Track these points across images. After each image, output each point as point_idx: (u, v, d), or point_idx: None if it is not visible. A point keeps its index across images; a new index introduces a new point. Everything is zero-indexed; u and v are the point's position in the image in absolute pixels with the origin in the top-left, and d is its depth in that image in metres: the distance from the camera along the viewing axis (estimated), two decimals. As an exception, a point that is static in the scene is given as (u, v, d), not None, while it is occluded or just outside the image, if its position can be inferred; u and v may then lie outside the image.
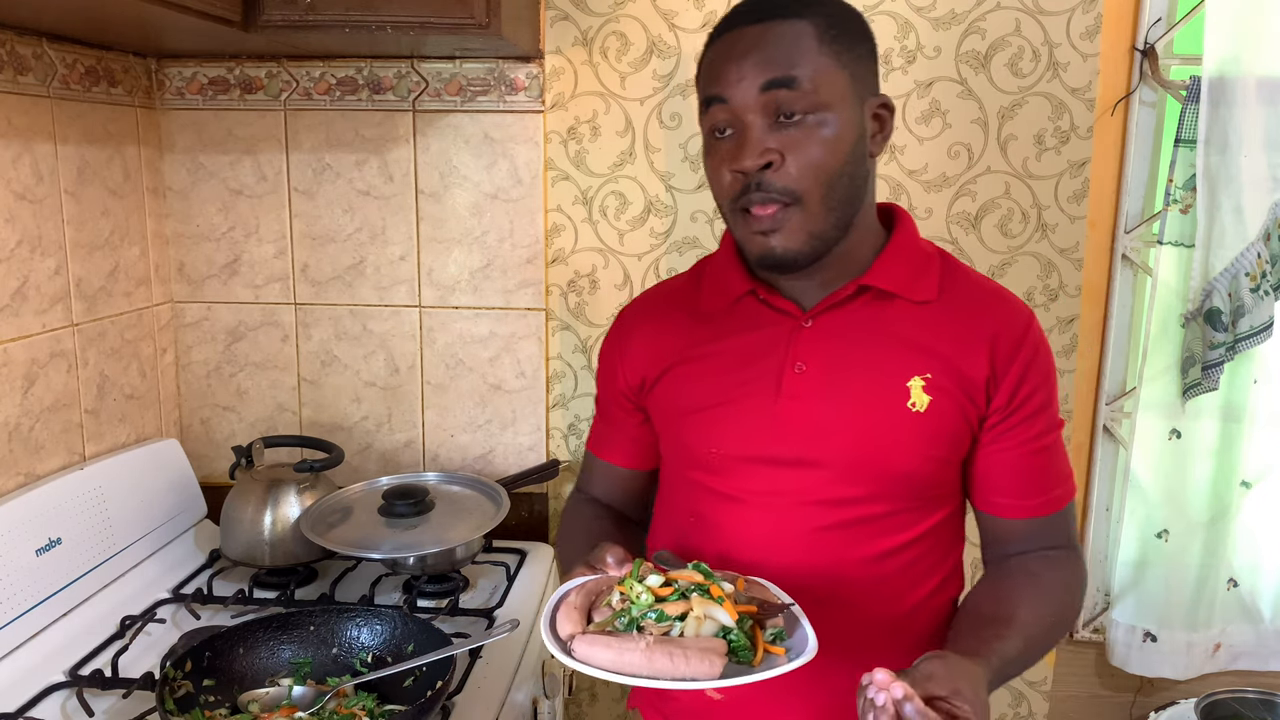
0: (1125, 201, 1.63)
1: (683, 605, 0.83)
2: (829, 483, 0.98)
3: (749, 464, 1.00)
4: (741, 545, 1.01)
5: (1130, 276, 1.66)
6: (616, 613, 0.85)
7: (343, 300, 1.73)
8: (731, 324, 1.03)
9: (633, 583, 0.86)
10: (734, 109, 0.92)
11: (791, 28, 0.92)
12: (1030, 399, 0.99)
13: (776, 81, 0.90)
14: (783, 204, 0.91)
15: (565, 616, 0.85)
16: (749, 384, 1.00)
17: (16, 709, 1.15)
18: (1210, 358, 1.53)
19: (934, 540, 1.03)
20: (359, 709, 1.13)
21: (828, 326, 0.99)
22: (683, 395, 1.04)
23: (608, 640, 0.80)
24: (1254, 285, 1.51)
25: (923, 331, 0.98)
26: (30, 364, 1.37)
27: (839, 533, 0.98)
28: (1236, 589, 1.67)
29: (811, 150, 0.91)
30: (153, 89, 1.68)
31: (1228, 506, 1.63)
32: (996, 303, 1.02)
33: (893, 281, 0.99)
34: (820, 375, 0.98)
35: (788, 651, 0.83)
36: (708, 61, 0.97)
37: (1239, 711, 1.60)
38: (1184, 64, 1.58)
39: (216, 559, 1.57)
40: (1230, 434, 1.61)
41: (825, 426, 0.97)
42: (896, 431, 0.96)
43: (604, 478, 1.20)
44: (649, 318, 1.11)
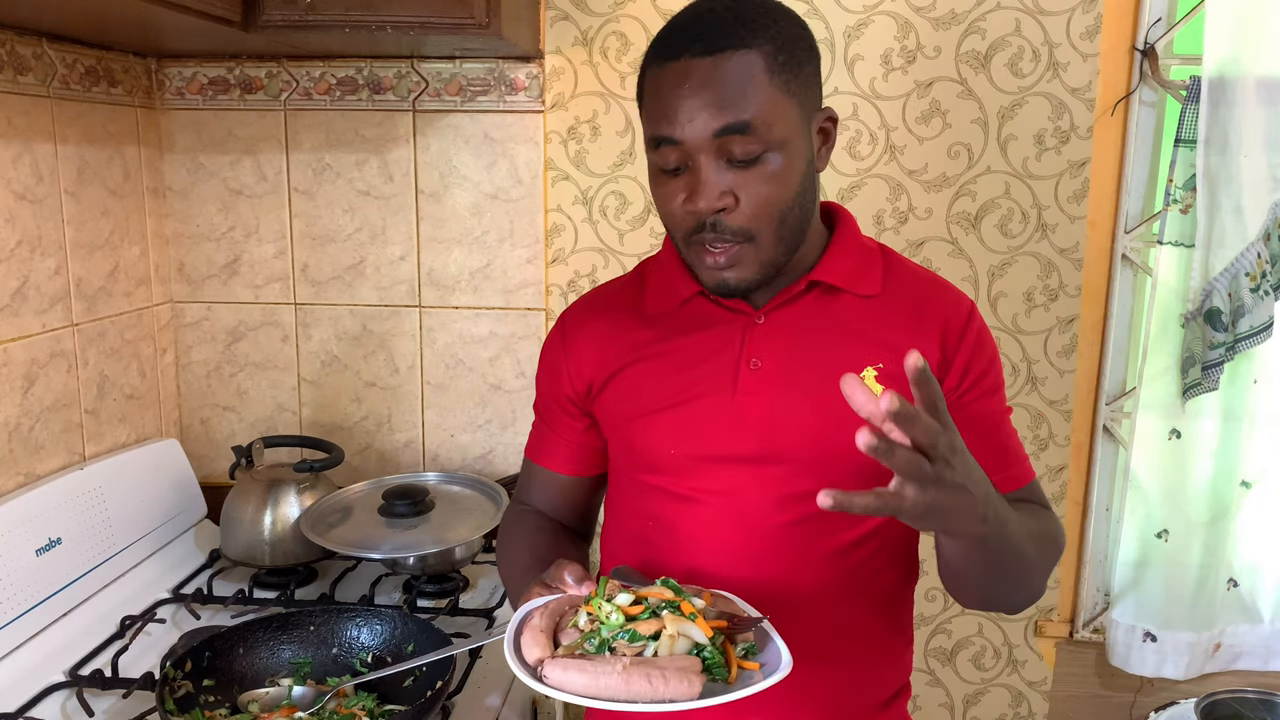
0: (1125, 201, 1.63)
1: (655, 624, 0.81)
2: (789, 477, 0.98)
3: (708, 463, 1.00)
4: (702, 546, 1.01)
5: (1130, 276, 1.66)
6: (585, 634, 0.82)
7: (343, 300, 1.73)
8: (681, 323, 1.03)
9: (600, 602, 0.83)
10: (686, 150, 0.91)
11: (742, 61, 0.89)
12: (979, 381, 1.00)
13: (730, 128, 0.88)
14: (735, 243, 0.92)
15: (531, 640, 0.82)
16: (704, 382, 1.00)
17: (16, 709, 1.15)
18: (1210, 358, 1.53)
19: (893, 529, 1.03)
20: (359, 709, 1.13)
21: (780, 322, 1.00)
22: (634, 398, 1.03)
23: (581, 664, 0.77)
24: (1254, 285, 1.51)
25: (872, 323, 0.99)
26: (30, 364, 1.37)
27: (801, 527, 0.99)
28: (1236, 589, 1.67)
29: (764, 189, 0.91)
30: (153, 89, 1.68)
31: (1228, 506, 1.63)
32: (939, 291, 1.03)
33: (839, 276, 1.00)
34: (776, 370, 0.99)
35: (761, 666, 0.82)
36: (654, 93, 0.93)
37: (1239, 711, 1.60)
38: (1184, 64, 1.58)
39: (216, 559, 1.57)
40: (1230, 434, 1.61)
41: (784, 421, 0.98)
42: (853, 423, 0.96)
43: (545, 486, 1.16)
44: (593, 321, 1.09)
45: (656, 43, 0.95)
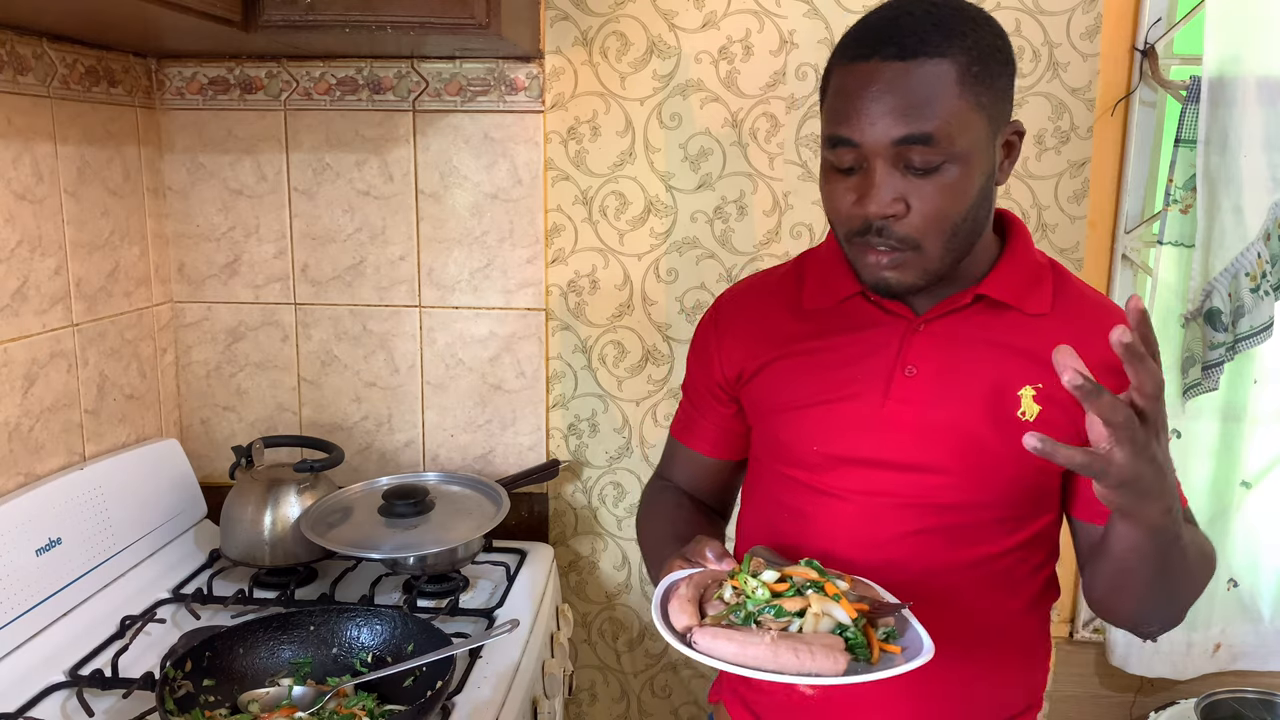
0: (1125, 201, 1.63)
1: (800, 601, 0.83)
2: (933, 488, 0.97)
3: (851, 465, 0.99)
4: (835, 540, 1.00)
5: (1130, 276, 1.66)
6: (731, 607, 0.84)
7: (343, 300, 1.73)
8: (837, 322, 1.01)
9: (746, 577, 0.86)
10: (863, 152, 0.89)
11: (934, 70, 0.87)
12: None
13: (912, 138, 0.87)
14: (900, 250, 0.91)
15: (679, 608, 0.84)
16: (855, 384, 0.99)
17: (16, 709, 1.15)
18: (1210, 358, 1.53)
19: (1032, 548, 1.02)
20: (359, 709, 1.13)
21: (940, 331, 0.98)
22: (783, 391, 1.03)
23: (730, 633, 0.80)
24: (1254, 285, 1.51)
25: (1036, 342, 0.97)
26: (30, 364, 1.37)
27: (937, 536, 0.98)
28: (1236, 589, 1.68)
29: (938, 200, 0.89)
30: (153, 89, 1.68)
31: (1228, 506, 1.63)
32: (1106, 316, 1.01)
33: (1008, 293, 0.98)
34: (930, 380, 0.97)
35: (903, 651, 0.83)
36: (837, 91, 0.91)
37: (1239, 711, 1.60)
38: (1184, 64, 1.58)
39: (216, 559, 1.57)
40: (1230, 434, 1.61)
41: (933, 431, 0.96)
42: (1005, 439, 0.95)
43: (688, 465, 1.17)
44: (749, 308, 1.09)
45: (848, 40, 0.93)
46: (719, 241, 1.67)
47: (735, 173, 1.64)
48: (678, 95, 1.63)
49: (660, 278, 1.69)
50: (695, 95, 1.62)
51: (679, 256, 1.68)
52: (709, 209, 1.66)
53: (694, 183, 1.66)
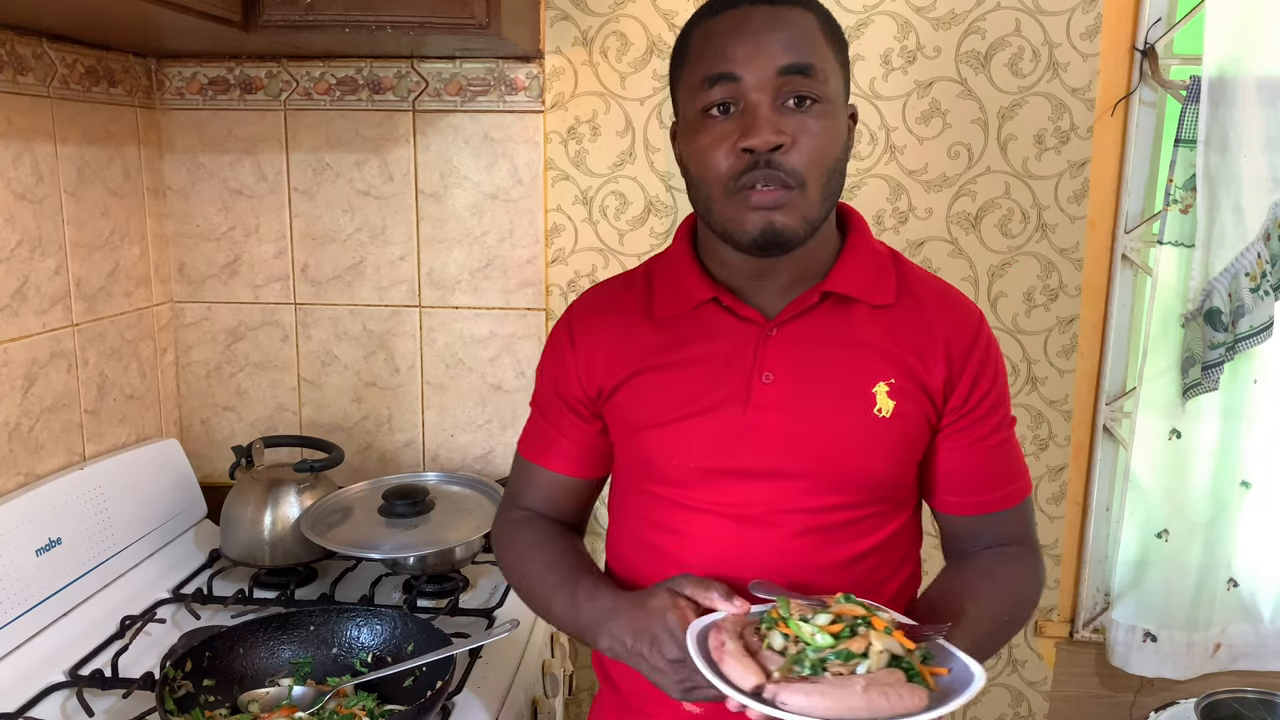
0: (1125, 201, 1.63)
1: (862, 641, 0.82)
2: (800, 493, 0.97)
3: (718, 476, 0.99)
4: (712, 556, 1.00)
5: (1130, 276, 1.66)
6: (793, 656, 0.82)
7: (343, 300, 1.73)
8: (691, 331, 1.00)
9: (799, 624, 0.84)
10: (744, 87, 0.90)
11: (801, 15, 0.91)
12: (984, 399, 1.00)
13: (795, 67, 0.89)
14: (786, 187, 0.90)
15: (739, 665, 0.81)
16: (715, 395, 0.98)
17: (16, 709, 1.15)
18: (1210, 358, 1.53)
19: (898, 540, 1.03)
20: (359, 709, 1.13)
21: (793, 334, 0.98)
22: (644, 408, 1.01)
23: (820, 687, 0.78)
24: (1254, 285, 1.51)
25: (883, 336, 0.98)
26: (30, 364, 1.37)
27: (808, 539, 0.98)
28: (1236, 589, 1.67)
29: (819, 137, 0.90)
30: (153, 89, 1.68)
31: (1228, 506, 1.63)
32: (949, 304, 1.02)
33: (853, 286, 0.98)
34: (788, 384, 0.97)
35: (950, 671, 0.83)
36: (708, 36, 0.93)
37: (1239, 711, 1.60)
38: (1184, 64, 1.58)
39: (216, 559, 1.57)
40: (1230, 434, 1.61)
41: (796, 437, 0.97)
42: (866, 438, 0.97)
43: (548, 488, 1.11)
44: (603, 320, 1.06)
45: (707, 4, 0.95)
46: (719, 241, 1.67)
47: (735, 173, 1.64)
48: (678, 95, 1.63)
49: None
50: (695, 95, 1.62)
51: (679, 256, 1.68)
52: (709, 209, 1.66)
53: (694, 183, 1.65)
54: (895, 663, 0.82)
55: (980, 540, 1.04)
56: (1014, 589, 1.01)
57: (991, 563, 1.02)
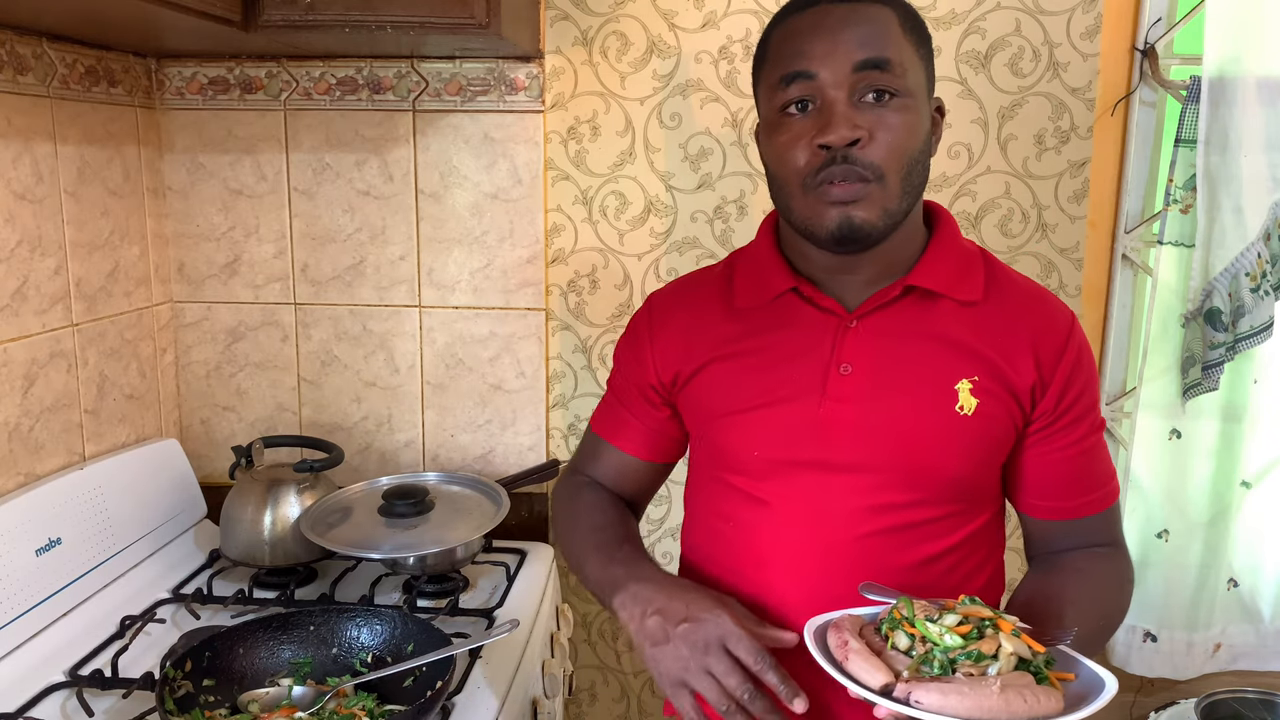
0: (1125, 201, 1.63)
1: (993, 643, 0.81)
2: (874, 488, 0.96)
3: (791, 468, 0.98)
4: (778, 550, 0.99)
5: (1130, 276, 1.66)
6: (921, 656, 0.82)
7: (343, 300, 1.73)
8: (770, 321, 1.00)
9: (926, 624, 0.83)
10: (820, 84, 0.90)
11: (879, 11, 0.91)
12: (1076, 404, 0.98)
13: (871, 62, 0.89)
14: (864, 180, 0.90)
15: (867, 664, 0.81)
16: (791, 385, 0.97)
17: (16, 709, 1.15)
18: (1210, 358, 1.53)
19: (977, 543, 1.01)
20: (359, 709, 1.13)
21: (874, 327, 0.97)
22: (719, 396, 1.01)
23: (955, 687, 0.77)
24: (1254, 285, 1.51)
25: (969, 333, 0.97)
26: (30, 364, 1.37)
27: (882, 539, 0.97)
28: (1236, 589, 1.67)
29: (897, 131, 0.90)
30: (153, 89, 1.68)
31: (1228, 506, 1.63)
32: (1040, 305, 1.01)
33: (938, 281, 0.97)
34: (866, 377, 0.96)
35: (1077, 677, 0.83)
36: (787, 35, 0.94)
37: (1239, 711, 1.60)
38: (1184, 64, 1.58)
39: (216, 559, 1.57)
40: (1230, 434, 1.61)
41: (871, 430, 0.95)
42: (945, 435, 0.95)
43: (614, 465, 1.14)
44: (682, 309, 1.07)
45: (786, 7, 0.96)
46: (719, 241, 1.67)
47: (735, 173, 1.64)
48: (678, 95, 1.63)
49: (660, 278, 1.69)
50: (695, 95, 1.62)
51: (679, 256, 1.68)
52: (709, 209, 1.66)
53: (694, 183, 1.66)
54: (1023, 666, 0.81)
55: (1066, 543, 1.03)
56: (1108, 592, 1.00)
57: (1083, 564, 1.01)
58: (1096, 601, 0.98)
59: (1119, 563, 1.03)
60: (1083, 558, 1.01)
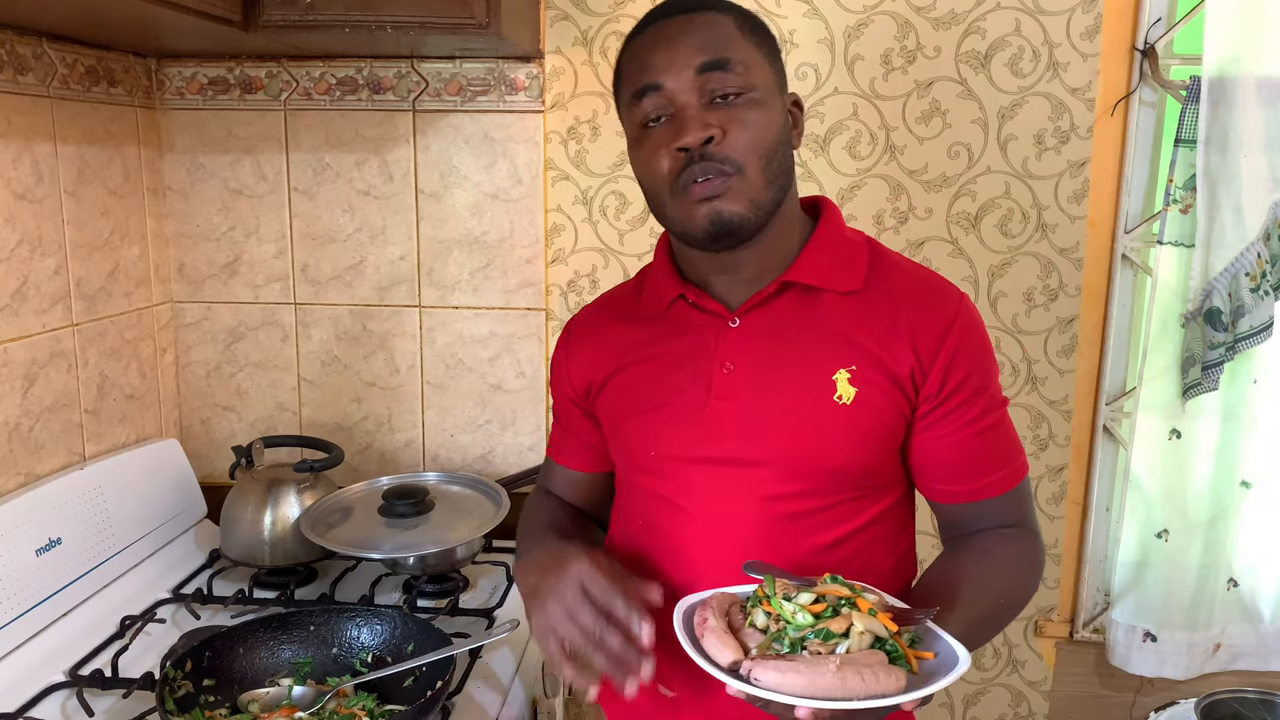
0: (1125, 201, 1.63)
1: (843, 621, 0.82)
2: (767, 480, 0.99)
3: (687, 465, 1.01)
4: (690, 547, 1.02)
5: (1130, 276, 1.66)
6: (773, 634, 0.83)
7: (343, 300, 1.73)
8: (666, 328, 1.05)
9: (781, 602, 0.84)
10: (668, 94, 0.94)
11: (714, 19, 0.96)
12: (963, 385, 0.98)
13: (711, 64, 0.93)
14: (724, 174, 0.93)
15: (720, 642, 0.82)
16: (682, 386, 1.02)
17: (16, 709, 1.15)
18: (1210, 358, 1.53)
19: (880, 528, 1.03)
20: (359, 709, 1.13)
21: (754, 325, 1.01)
22: (624, 400, 1.06)
23: (793, 665, 0.78)
24: (1254, 285, 1.51)
25: (847, 324, 0.99)
26: (30, 364, 1.37)
27: (783, 526, 0.99)
28: (1236, 589, 1.67)
29: (748, 125, 0.94)
30: (153, 89, 1.68)
31: (1228, 506, 1.63)
32: (921, 291, 1.01)
33: (816, 275, 1.00)
34: (748, 374, 0.99)
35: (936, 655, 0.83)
36: (632, 54, 0.99)
37: (1239, 711, 1.60)
38: (1184, 64, 1.58)
39: (216, 559, 1.57)
40: (1230, 434, 1.61)
41: (756, 424, 0.99)
42: (826, 425, 0.97)
43: (563, 482, 1.21)
44: (593, 325, 1.13)
45: (633, 29, 1.01)
46: (719, 241, 1.67)
47: (735, 173, 1.64)
48: (678, 95, 1.63)
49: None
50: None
51: (679, 256, 1.68)
52: (709, 209, 1.66)
53: (694, 183, 1.65)
54: (879, 645, 0.82)
55: (975, 526, 1.04)
56: (1010, 572, 1.01)
57: (988, 546, 1.02)
58: (995, 581, 0.98)
59: (1025, 544, 1.03)
60: (990, 538, 1.02)
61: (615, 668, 0.89)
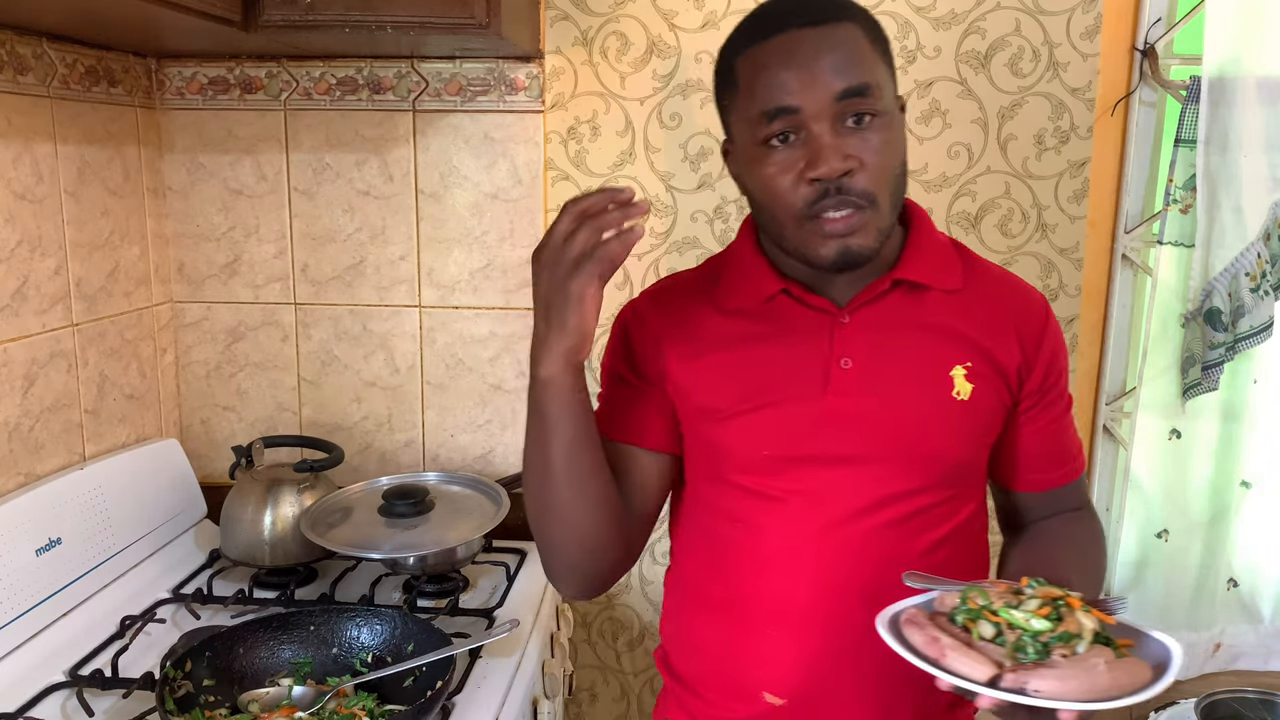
0: (1125, 201, 1.63)
1: (1074, 622, 0.82)
2: (884, 478, 0.98)
3: (799, 464, 0.99)
4: (787, 546, 0.99)
5: (1130, 276, 1.66)
6: (1015, 643, 0.82)
7: (343, 300, 1.73)
8: (763, 322, 1.01)
9: (1009, 611, 0.83)
10: (803, 118, 0.90)
11: (847, 31, 0.91)
12: (1057, 380, 1.04)
13: (853, 90, 0.89)
14: (859, 208, 0.91)
15: (964, 657, 0.80)
16: (793, 383, 0.99)
17: (16, 709, 1.15)
18: (1210, 358, 1.53)
19: (973, 525, 1.05)
20: (359, 709, 1.13)
21: (866, 320, 0.99)
22: (717, 397, 1.00)
23: (1063, 672, 0.78)
24: (1254, 285, 1.51)
25: (957, 320, 1.00)
26: (30, 364, 1.37)
27: (891, 529, 0.98)
28: (1236, 589, 1.67)
29: (882, 154, 0.91)
30: (153, 89, 1.68)
31: (1228, 506, 1.63)
32: (1014, 289, 1.05)
33: (923, 273, 1.00)
34: (866, 370, 0.98)
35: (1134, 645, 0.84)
36: (758, 66, 0.92)
37: (1239, 711, 1.60)
38: (1184, 64, 1.58)
39: (216, 559, 1.57)
40: (1230, 434, 1.61)
41: (877, 421, 0.97)
42: (944, 421, 0.98)
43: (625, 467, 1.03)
44: (671, 310, 1.05)
45: (746, 25, 0.95)
46: (719, 241, 1.67)
47: (735, 173, 1.64)
48: (678, 95, 1.63)
49: (660, 277, 1.69)
50: (695, 95, 1.62)
51: (679, 256, 1.68)
52: (709, 209, 1.66)
53: (694, 183, 1.66)
54: (1097, 640, 0.82)
55: (1046, 512, 1.09)
56: (1095, 549, 1.07)
57: (1067, 529, 1.06)
58: (1090, 560, 1.04)
59: (1095, 522, 1.10)
60: (1062, 522, 1.07)
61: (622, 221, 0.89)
